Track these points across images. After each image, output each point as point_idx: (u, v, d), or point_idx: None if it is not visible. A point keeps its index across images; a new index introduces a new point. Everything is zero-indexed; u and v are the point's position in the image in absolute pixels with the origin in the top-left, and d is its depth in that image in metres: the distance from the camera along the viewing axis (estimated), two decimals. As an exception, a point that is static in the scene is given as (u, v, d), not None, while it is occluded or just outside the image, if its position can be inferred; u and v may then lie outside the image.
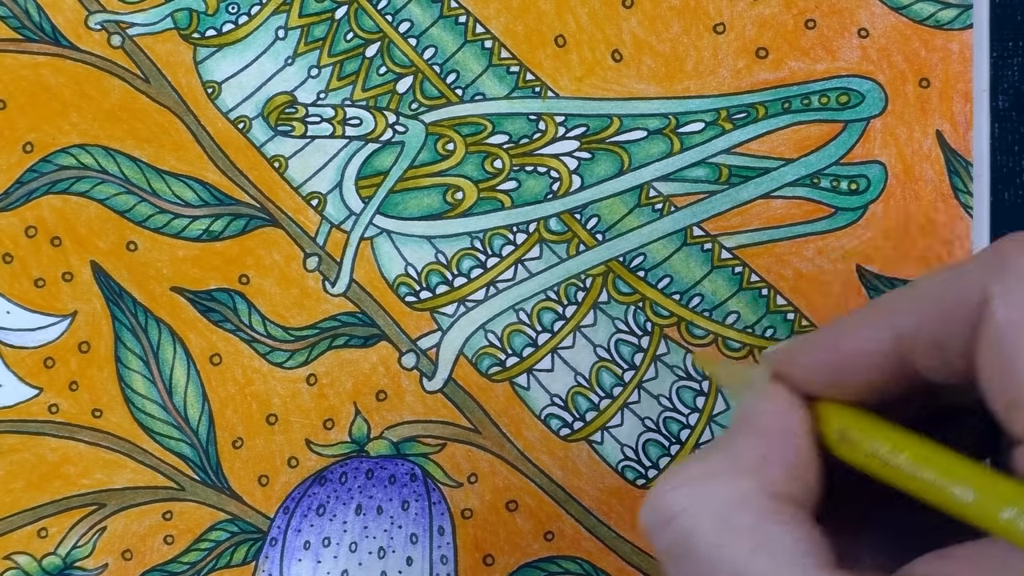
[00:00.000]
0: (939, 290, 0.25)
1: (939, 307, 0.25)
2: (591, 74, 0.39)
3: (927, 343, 0.25)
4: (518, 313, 0.39)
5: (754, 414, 0.28)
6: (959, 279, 0.25)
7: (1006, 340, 0.23)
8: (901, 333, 0.26)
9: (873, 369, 0.27)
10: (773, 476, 0.26)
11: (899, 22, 0.38)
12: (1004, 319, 0.23)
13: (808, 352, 0.28)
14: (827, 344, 0.27)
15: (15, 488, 0.39)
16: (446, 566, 0.38)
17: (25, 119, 0.39)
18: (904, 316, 0.26)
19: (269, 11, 0.39)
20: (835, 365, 0.27)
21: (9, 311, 0.39)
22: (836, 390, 0.27)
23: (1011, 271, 0.24)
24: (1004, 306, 0.24)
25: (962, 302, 0.24)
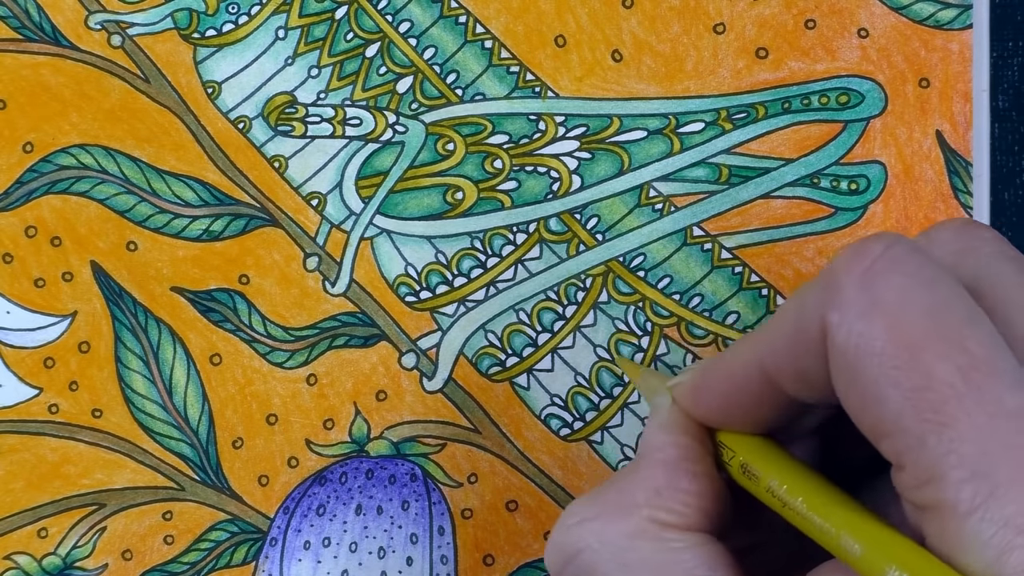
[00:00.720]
0: (786, 321, 0.25)
1: (789, 339, 0.25)
2: (591, 74, 0.39)
3: (789, 375, 0.25)
4: (518, 313, 0.39)
5: (651, 444, 0.28)
6: (800, 308, 0.24)
7: (853, 370, 0.23)
8: (765, 367, 0.26)
9: (754, 400, 0.27)
10: (666, 506, 0.26)
11: (899, 22, 0.38)
12: (843, 348, 0.23)
13: (696, 391, 0.28)
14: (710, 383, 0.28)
15: (15, 488, 0.39)
16: (446, 566, 0.38)
17: (25, 119, 0.39)
18: (764, 349, 0.26)
19: (269, 11, 0.39)
20: (720, 400, 0.28)
21: (9, 311, 0.39)
22: (732, 423, 0.28)
23: (843, 295, 0.23)
24: (842, 335, 0.23)
25: (807, 333, 0.24)
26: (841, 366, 0.23)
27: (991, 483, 0.21)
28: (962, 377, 0.22)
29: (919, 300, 0.23)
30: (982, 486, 0.21)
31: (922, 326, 0.22)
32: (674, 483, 0.27)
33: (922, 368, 0.22)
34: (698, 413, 0.28)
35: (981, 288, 0.24)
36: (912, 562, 0.22)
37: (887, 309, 0.23)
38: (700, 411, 0.28)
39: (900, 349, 0.22)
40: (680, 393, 0.29)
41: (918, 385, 0.22)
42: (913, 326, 0.22)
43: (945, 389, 0.22)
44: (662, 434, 0.28)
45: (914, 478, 0.22)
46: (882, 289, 0.23)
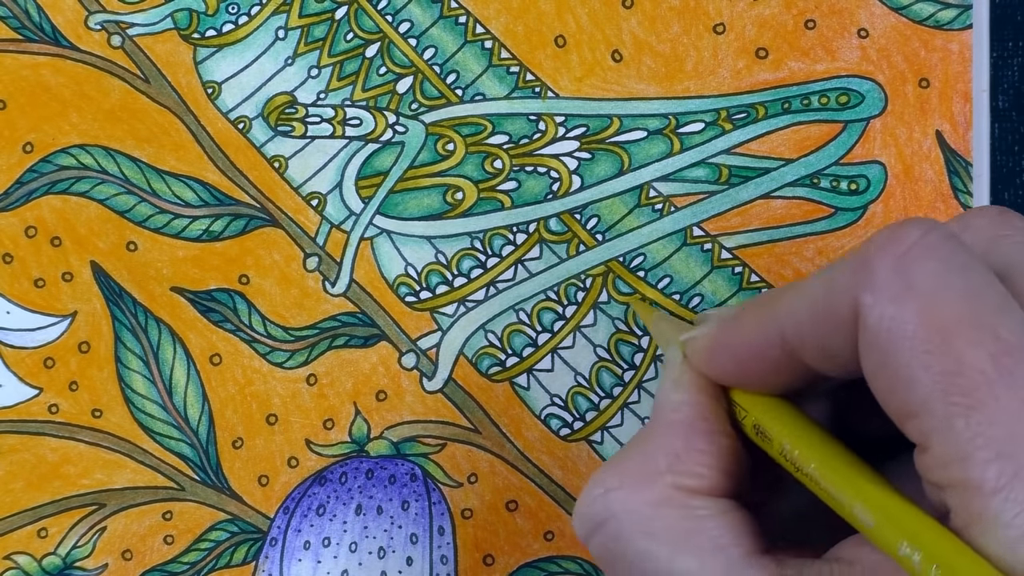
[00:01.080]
0: (814, 298, 0.25)
1: (816, 315, 0.25)
2: (591, 74, 0.39)
3: (813, 349, 0.25)
4: (518, 313, 0.39)
5: (666, 405, 0.28)
6: (831, 288, 0.25)
7: (883, 351, 0.23)
8: (786, 338, 0.26)
9: (772, 367, 0.27)
10: (688, 470, 0.26)
11: (899, 22, 0.38)
12: (876, 329, 0.23)
13: (711, 352, 0.28)
14: (726, 345, 0.28)
15: (15, 488, 0.39)
16: (446, 566, 0.38)
17: (25, 119, 0.39)
18: (787, 320, 0.26)
19: (269, 11, 0.39)
20: (735, 365, 0.28)
21: (9, 311, 0.39)
22: (746, 385, 0.28)
23: (877, 278, 0.23)
24: (874, 315, 0.23)
25: (837, 312, 0.24)
26: (871, 347, 0.23)
27: (1017, 464, 0.21)
28: (993, 363, 0.22)
29: (953, 286, 0.23)
30: (1007, 467, 0.21)
31: (955, 311, 0.23)
32: (692, 445, 0.27)
33: (953, 352, 0.22)
34: (711, 373, 0.28)
35: (1013, 276, 0.24)
36: (927, 537, 0.22)
37: (921, 293, 0.23)
38: (714, 371, 0.28)
39: (932, 333, 0.22)
40: (693, 350, 0.28)
41: (948, 369, 0.22)
42: (946, 311, 0.23)
43: (975, 374, 0.22)
44: (677, 392, 0.28)
45: (938, 459, 0.22)
46: (916, 273, 0.23)
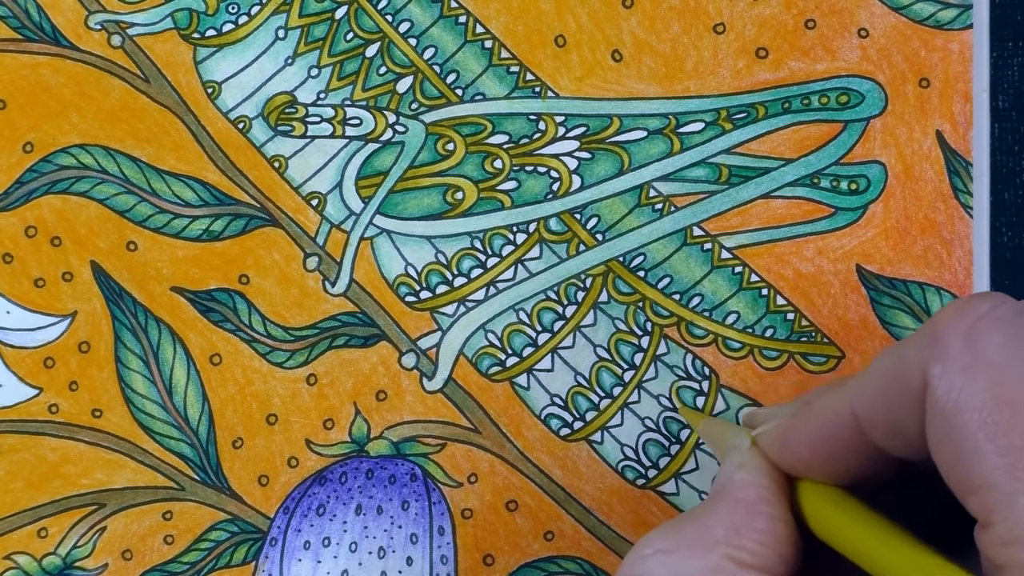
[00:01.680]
0: (884, 372, 0.25)
1: (886, 390, 0.25)
2: (591, 74, 0.39)
3: (883, 425, 0.26)
4: (518, 313, 0.39)
5: (730, 484, 0.28)
6: (900, 360, 0.25)
7: (950, 422, 0.23)
8: (858, 416, 0.26)
9: (842, 451, 0.27)
10: (744, 546, 0.27)
11: (899, 22, 0.38)
12: (944, 401, 0.23)
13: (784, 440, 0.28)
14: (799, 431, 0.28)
15: (15, 488, 0.39)
16: (446, 566, 0.38)
17: (25, 119, 0.39)
18: (857, 398, 0.26)
19: (269, 11, 0.39)
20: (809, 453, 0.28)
21: (9, 311, 0.39)
22: (816, 473, 0.28)
23: (946, 349, 0.24)
24: (943, 387, 0.23)
25: (906, 384, 0.24)
26: (938, 418, 0.23)
27: None
28: None
29: (1022, 360, 0.23)
30: None
31: None
32: (752, 523, 0.27)
33: (1021, 427, 0.22)
34: (784, 462, 0.29)
35: None
36: None
37: (990, 365, 0.23)
38: (787, 459, 0.29)
39: (1000, 406, 0.23)
40: (767, 441, 0.29)
41: (1015, 444, 0.22)
42: (1015, 385, 0.23)
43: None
44: (742, 474, 0.29)
45: (1000, 536, 0.22)
46: (986, 346, 0.23)
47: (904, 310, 0.38)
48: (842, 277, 0.38)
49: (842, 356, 0.38)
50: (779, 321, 0.38)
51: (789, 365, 0.38)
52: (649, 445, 0.38)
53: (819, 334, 0.38)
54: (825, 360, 0.38)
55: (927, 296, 0.38)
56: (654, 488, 0.38)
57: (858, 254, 0.38)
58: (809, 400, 0.29)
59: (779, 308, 0.38)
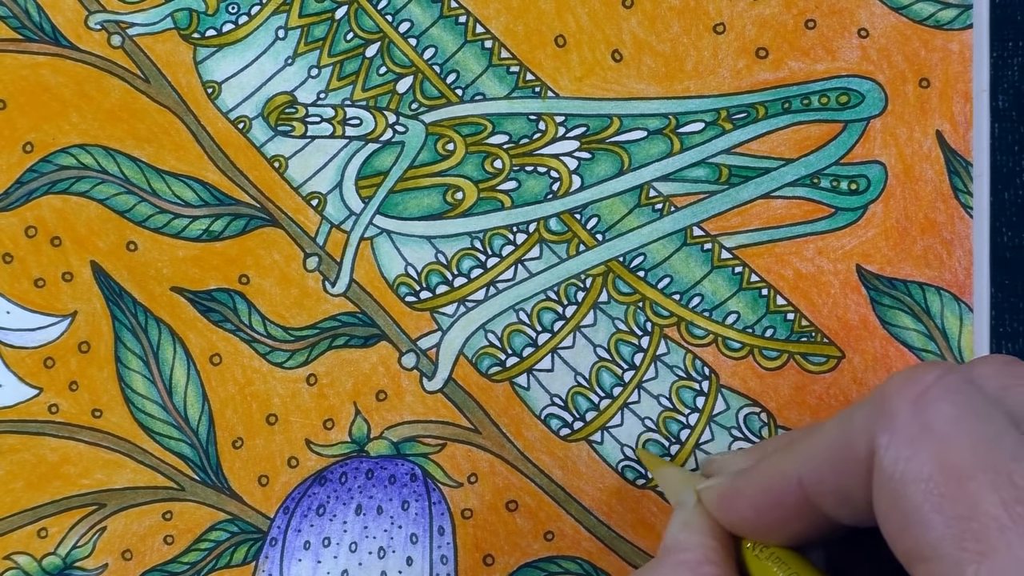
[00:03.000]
0: (832, 440, 0.25)
1: (834, 458, 0.25)
2: (591, 74, 0.39)
3: (829, 493, 0.26)
4: (518, 313, 0.39)
5: (676, 546, 0.29)
6: (848, 428, 0.25)
7: (897, 492, 0.23)
8: (804, 482, 0.26)
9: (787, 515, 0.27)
10: None
11: (899, 22, 0.38)
12: (891, 471, 0.23)
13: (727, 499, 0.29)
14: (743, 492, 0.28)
15: (15, 488, 0.39)
16: (446, 566, 0.38)
17: (25, 119, 0.39)
18: (804, 465, 0.26)
19: (269, 11, 0.39)
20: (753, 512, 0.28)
21: (9, 311, 0.39)
22: (759, 532, 0.28)
23: (893, 419, 0.24)
24: (889, 456, 0.23)
25: (853, 453, 0.24)
26: (885, 488, 0.24)
27: None
28: (1006, 510, 0.22)
29: (969, 430, 0.23)
30: None
31: (970, 456, 0.23)
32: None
33: (967, 497, 0.22)
34: (726, 521, 0.29)
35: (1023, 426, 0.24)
36: None
37: (937, 436, 0.23)
38: (729, 519, 0.29)
39: (947, 476, 0.23)
40: (709, 498, 0.29)
41: (962, 514, 0.22)
42: (962, 455, 0.23)
43: (989, 520, 0.22)
44: (686, 534, 0.29)
45: None
46: (933, 416, 0.23)
47: (904, 310, 0.38)
48: (842, 277, 0.38)
49: (842, 356, 0.38)
50: (779, 321, 0.38)
51: (789, 365, 0.38)
52: (649, 445, 0.38)
53: (819, 334, 0.38)
54: (825, 360, 0.38)
55: (927, 296, 0.38)
56: (654, 488, 0.38)
57: (858, 254, 0.38)
58: (754, 461, 0.29)
59: (779, 308, 0.38)
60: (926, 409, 0.23)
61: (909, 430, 0.23)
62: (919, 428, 0.23)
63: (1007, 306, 0.38)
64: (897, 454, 0.23)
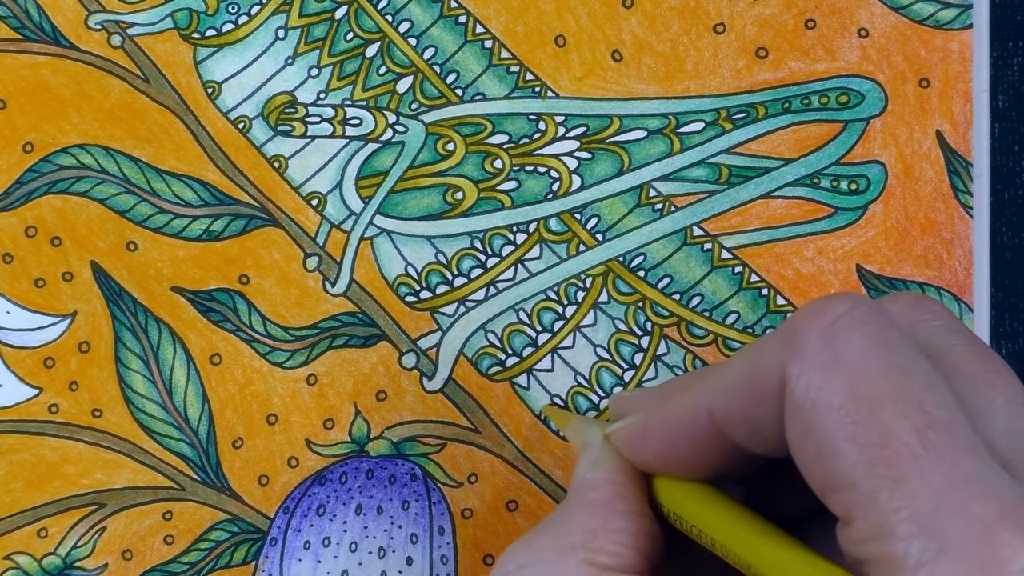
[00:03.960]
0: (742, 371, 0.25)
1: (743, 389, 0.25)
2: (591, 74, 0.39)
3: (740, 424, 0.25)
4: (518, 313, 0.39)
5: (584, 485, 0.28)
6: (758, 359, 0.25)
7: (809, 422, 0.23)
8: (714, 415, 0.26)
9: (699, 449, 0.27)
10: (603, 548, 0.27)
11: (899, 22, 0.38)
12: (803, 400, 0.23)
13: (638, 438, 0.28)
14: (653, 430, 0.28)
15: (15, 488, 0.39)
16: (446, 566, 0.38)
17: (25, 119, 0.39)
18: (713, 397, 0.26)
19: (269, 11, 0.39)
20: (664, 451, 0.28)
21: (9, 311, 0.39)
22: (672, 470, 0.28)
23: (804, 349, 0.24)
24: (801, 387, 0.23)
25: (763, 383, 0.24)
26: (797, 418, 0.23)
27: (941, 541, 0.21)
28: (918, 437, 0.22)
29: (880, 359, 0.23)
30: (931, 543, 0.21)
31: (882, 384, 0.23)
32: (609, 524, 0.27)
33: (879, 425, 0.22)
34: (638, 459, 0.28)
35: (932, 358, 0.24)
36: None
37: (848, 365, 0.23)
38: (641, 457, 0.28)
39: (859, 405, 0.22)
40: (620, 439, 0.29)
41: (874, 441, 0.22)
42: (873, 384, 0.23)
43: (901, 447, 0.22)
44: (595, 472, 0.28)
45: (861, 532, 0.22)
46: (843, 346, 0.23)
47: (904, 310, 0.38)
48: (842, 277, 0.38)
49: (842, 356, 0.38)
50: (779, 321, 0.38)
51: (789, 365, 0.38)
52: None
53: (819, 334, 0.38)
54: (825, 360, 0.38)
55: (927, 296, 0.38)
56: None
57: (858, 254, 0.38)
58: (664, 395, 0.28)
59: (779, 308, 0.38)
60: (836, 339, 0.23)
61: (820, 359, 0.23)
62: (830, 358, 0.23)
63: (1007, 306, 0.38)
64: (808, 383, 0.23)
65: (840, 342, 0.23)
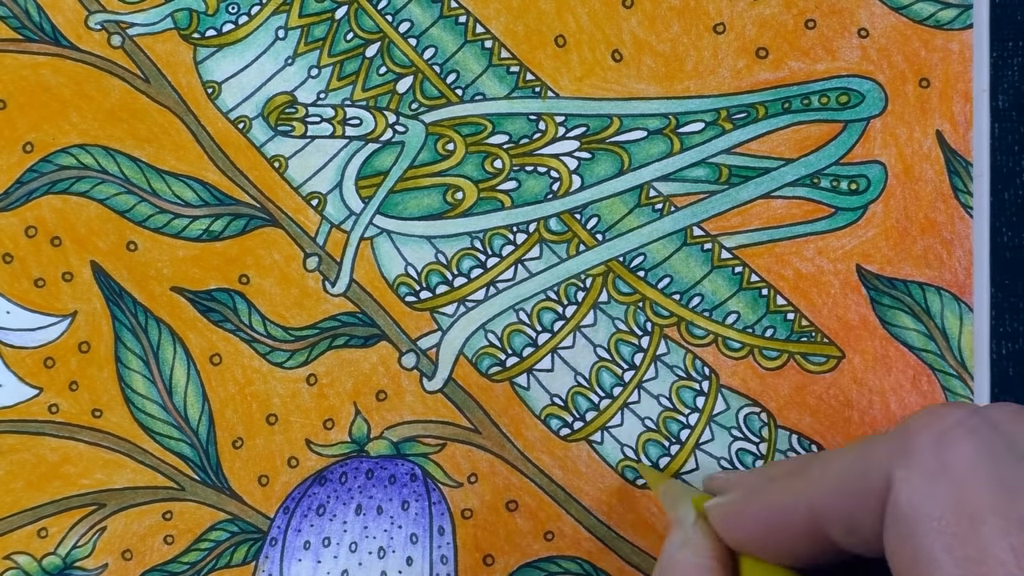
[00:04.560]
0: (849, 468, 0.26)
1: (848, 486, 0.25)
2: (591, 74, 0.39)
3: (839, 520, 0.26)
4: (518, 313, 0.39)
5: (675, 566, 0.29)
6: (867, 458, 0.25)
7: (909, 528, 0.23)
8: (814, 508, 0.26)
9: (794, 538, 0.27)
10: None
11: (899, 22, 0.38)
12: (905, 506, 0.24)
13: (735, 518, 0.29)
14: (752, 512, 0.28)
15: (15, 488, 0.39)
16: (446, 566, 0.38)
17: (25, 119, 0.39)
18: (816, 490, 0.26)
19: (269, 11, 0.39)
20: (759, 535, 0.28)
21: (9, 311, 0.39)
22: (763, 554, 0.28)
23: (913, 454, 0.24)
24: (906, 491, 0.24)
25: (869, 483, 0.25)
26: (898, 522, 0.24)
27: None
28: (1015, 557, 0.22)
29: (987, 472, 0.23)
30: None
31: (986, 499, 0.23)
32: None
33: (978, 540, 0.22)
34: (732, 539, 0.29)
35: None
36: None
37: (955, 476, 0.23)
38: (735, 536, 0.29)
39: (960, 517, 0.23)
40: (717, 516, 0.29)
41: (971, 556, 0.22)
42: (977, 497, 0.23)
43: (997, 565, 0.22)
44: (686, 553, 0.29)
45: None
46: (953, 456, 0.24)
47: (904, 310, 0.38)
48: (842, 277, 0.38)
49: (842, 356, 0.38)
50: (779, 321, 0.38)
51: (789, 365, 0.38)
52: (649, 445, 0.38)
53: (819, 334, 0.38)
54: (825, 360, 0.38)
55: (927, 296, 0.38)
56: (654, 488, 0.38)
57: (858, 254, 0.38)
58: (764, 478, 0.29)
59: (779, 308, 0.38)
60: (947, 448, 0.24)
61: (928, 467, 0.24)
62: (938, 466, 0.24)
63: (1007, 306, 0.38)
64: (913, 490, 0.23)
65: (950, 451, 0.24)
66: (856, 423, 0.38)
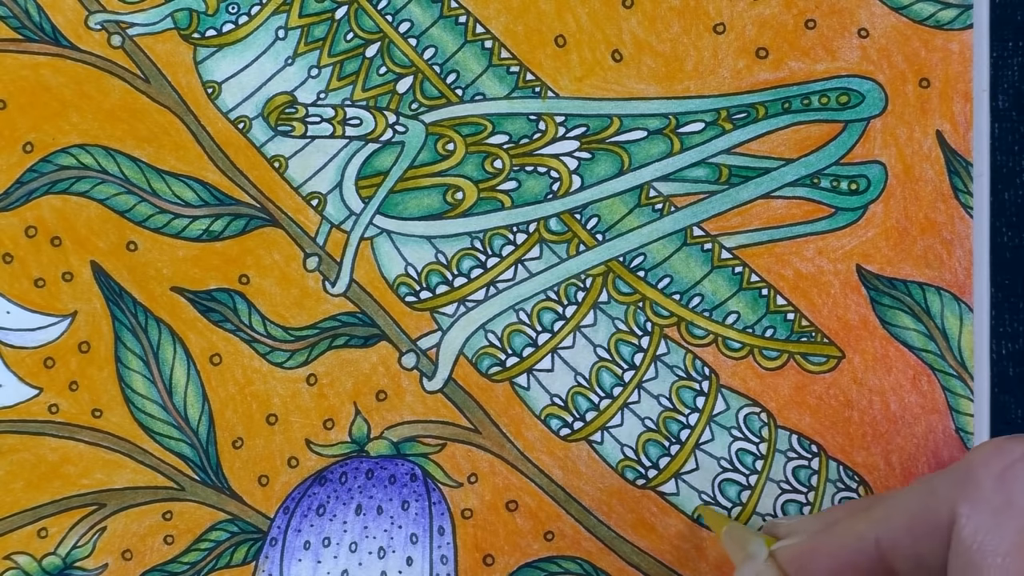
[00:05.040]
0: (913, 504, 0.26)
1: (913, 522, 0.26)
2: (591, 74, 0.39)
3: (906, 557, 0.26)
4: (518, 313, 0.39)
5: None
6: (930, 494, 0.25)
7: (973, 563, 0.24)
8: (881, 544, 0.27)
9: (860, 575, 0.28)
10: None
11: (899, 22, 0.38)
12: (969, 541, 0.24)
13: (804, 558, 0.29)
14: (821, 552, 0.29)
15: (15, 488, 0.39)
16: (446, 566, 0.38)
17: (25, 119, 0.39)
18: (883, 526, 0.27)
19: (269, 11, 0.39)
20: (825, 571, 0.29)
21: (9, 311, 0.39)
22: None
23: (978, 489, 0.24)
24: (970, 526, 0.24)
25: (933, 518, 0.25)
26: (962, 556, 0.24)
27: None
28: None
29: None
30: None
31: None
32: None
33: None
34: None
35: None
36: None
37: (1020, 511, 0.24)
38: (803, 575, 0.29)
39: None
40: (787, 556, 0.30)
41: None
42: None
43: None
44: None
45: None
46: (1017, 490, 0.24)
47: (904, 310, 0.38)
48: (842, 277, 0.38)
49: (842, 356, 0.38)
50: (779, 321, 0.38)
51: (789, 365, 0.38)
52: (649, 445, 0.38)
53: (819, 334, 0.38)
54: (825, 360, 0.38)
55: (927, 296, 0.38)
56: (654, 488, 0.38)
57: (858, 254, 0.38)
58: (833, 520, 0.29)
59: (779, 308, 0.38)
60: (1011, 483, 0.24)
61: (992, 502, 0.24)
62: (1002, 501, 0.24)
63: (1007, 306, 0.38)
64: (977, 525, 0.24)
65: (1015, 486, 0.24)
66: (856, 423, 0.38)
